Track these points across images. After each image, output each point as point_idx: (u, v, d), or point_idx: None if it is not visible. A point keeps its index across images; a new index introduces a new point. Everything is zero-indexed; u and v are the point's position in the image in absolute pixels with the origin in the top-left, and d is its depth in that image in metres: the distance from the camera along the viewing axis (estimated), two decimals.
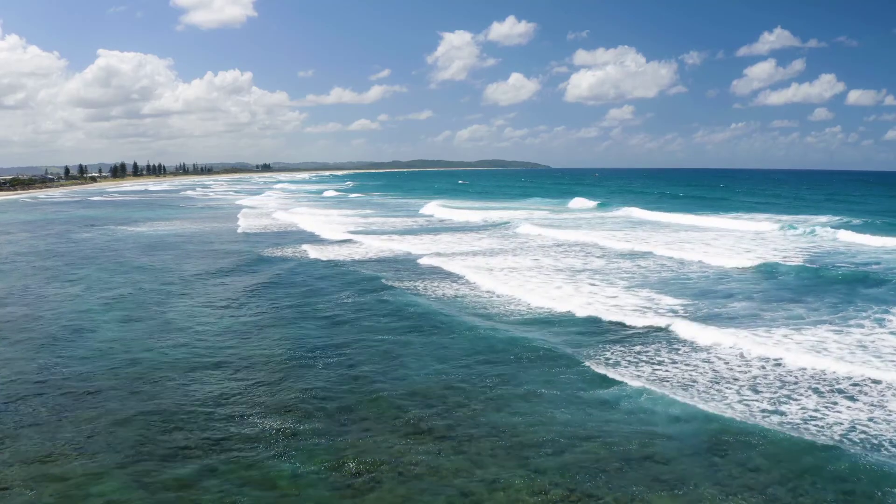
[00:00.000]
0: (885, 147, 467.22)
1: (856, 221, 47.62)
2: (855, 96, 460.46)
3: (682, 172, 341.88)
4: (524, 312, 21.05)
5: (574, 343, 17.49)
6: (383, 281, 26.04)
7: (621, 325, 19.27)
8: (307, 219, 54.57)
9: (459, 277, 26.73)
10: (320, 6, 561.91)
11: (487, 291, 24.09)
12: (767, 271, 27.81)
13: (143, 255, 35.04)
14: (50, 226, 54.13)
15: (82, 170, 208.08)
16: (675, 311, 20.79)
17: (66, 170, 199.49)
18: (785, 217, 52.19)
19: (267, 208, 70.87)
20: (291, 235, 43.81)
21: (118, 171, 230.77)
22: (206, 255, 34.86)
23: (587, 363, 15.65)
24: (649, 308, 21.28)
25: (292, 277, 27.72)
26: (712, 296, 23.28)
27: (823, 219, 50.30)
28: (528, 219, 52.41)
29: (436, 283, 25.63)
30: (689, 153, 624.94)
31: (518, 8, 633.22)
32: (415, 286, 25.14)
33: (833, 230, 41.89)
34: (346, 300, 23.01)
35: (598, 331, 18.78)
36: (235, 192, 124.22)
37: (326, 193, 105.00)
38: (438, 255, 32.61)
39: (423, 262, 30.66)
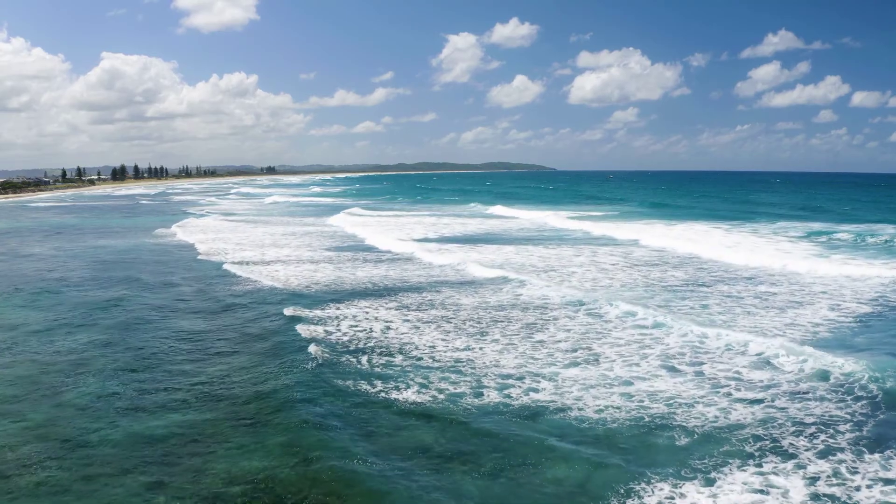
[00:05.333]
0: (890, 148, 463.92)
1: None
2: (860, 98, 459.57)
3: (686, 175, 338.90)
4: None
5: None
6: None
7: None
8: (217, 234, 50.85)
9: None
10: (322, 8, 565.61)
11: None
12: None
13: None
14: None
15: (80, 172, 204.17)
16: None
17: (63, 172, 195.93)
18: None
19: (197, 215, 69.72)
20: (175, 260, 39.08)
21: (118, 174, 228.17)
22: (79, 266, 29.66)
23: None
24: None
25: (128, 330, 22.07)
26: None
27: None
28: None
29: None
30: (693, 155, 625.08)
31: (521, 10, 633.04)
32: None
33: None
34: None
35: None
36: (191, 198, 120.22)
37: (268, 200, 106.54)
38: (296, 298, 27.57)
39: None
